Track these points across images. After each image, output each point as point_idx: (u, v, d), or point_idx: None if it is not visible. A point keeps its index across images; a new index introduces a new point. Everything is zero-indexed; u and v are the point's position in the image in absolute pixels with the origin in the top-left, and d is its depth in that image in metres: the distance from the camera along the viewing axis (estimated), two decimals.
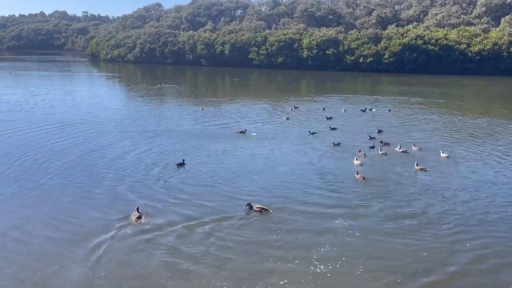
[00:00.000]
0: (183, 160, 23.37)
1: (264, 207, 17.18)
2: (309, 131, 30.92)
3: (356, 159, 23.97)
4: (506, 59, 80.00)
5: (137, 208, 16.68)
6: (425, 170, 22.55)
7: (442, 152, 25.73)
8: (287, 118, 36.48)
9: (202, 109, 37.99)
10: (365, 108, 41.91)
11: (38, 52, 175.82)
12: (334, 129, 32.47)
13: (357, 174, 21.32)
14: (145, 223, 16.21)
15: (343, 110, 40.94)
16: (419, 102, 48.29)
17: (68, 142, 28.24)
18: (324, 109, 41.46)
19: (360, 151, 25.55)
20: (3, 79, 71.57)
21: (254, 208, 17.06)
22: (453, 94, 56.78)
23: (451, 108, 44.70)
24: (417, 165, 23.04)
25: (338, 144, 27.81)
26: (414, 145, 27.35)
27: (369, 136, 29.86)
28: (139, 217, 16.33)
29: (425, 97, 52.13)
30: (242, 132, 31.03)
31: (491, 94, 60.61)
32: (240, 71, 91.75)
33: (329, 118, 36.32)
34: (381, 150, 26.02)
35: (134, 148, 26.92)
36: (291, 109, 41.30)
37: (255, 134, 30.91)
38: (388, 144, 27.75)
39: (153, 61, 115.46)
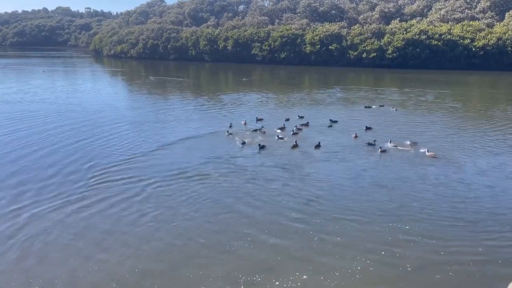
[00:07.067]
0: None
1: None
2: (228, 129, 30.67)
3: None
4: (510, 53, 79.41)
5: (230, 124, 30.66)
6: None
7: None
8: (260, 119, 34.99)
9: (245, 124, 33.54)
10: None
11: (41, 48, 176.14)
12: (301, 117, 34.75)
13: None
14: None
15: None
16: (420, 97, 48.28)
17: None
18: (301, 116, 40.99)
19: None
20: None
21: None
22: (458, 90, 56.61)
23: (455, 105, 44.61)
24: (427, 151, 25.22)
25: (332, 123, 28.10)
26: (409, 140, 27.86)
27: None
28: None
29: (429, 92, 52.09)
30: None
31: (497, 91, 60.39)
32: (243, 67, 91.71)
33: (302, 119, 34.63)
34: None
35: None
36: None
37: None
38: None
39: (156, 57, 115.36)
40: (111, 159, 24.31)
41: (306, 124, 32.63)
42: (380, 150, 25.46)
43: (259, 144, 26.37)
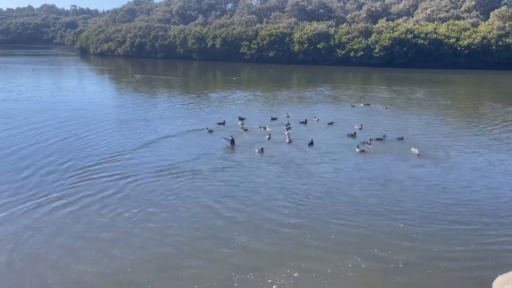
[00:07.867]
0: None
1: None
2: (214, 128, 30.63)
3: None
4: (494, 53, 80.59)
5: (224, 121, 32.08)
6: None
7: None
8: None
9: (242, 124, 32.25)
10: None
11: (27, 46, 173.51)
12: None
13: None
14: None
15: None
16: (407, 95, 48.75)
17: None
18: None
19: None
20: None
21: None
22: (446, 89, 57.27)
23: (442, 104, 45.13)
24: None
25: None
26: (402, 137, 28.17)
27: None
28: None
29: (415, 91, 52.60)
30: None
31: (482, 89, 61.22)
32: (231, 65, 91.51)
33: (274, 119, 34.23)
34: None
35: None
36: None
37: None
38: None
39: (143, 55, 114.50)
40: (92, 157, 23.87)
41: (305, 122, 32.90)
42: (357, 150, 25.25)
43: (232, 137, 26.66)
